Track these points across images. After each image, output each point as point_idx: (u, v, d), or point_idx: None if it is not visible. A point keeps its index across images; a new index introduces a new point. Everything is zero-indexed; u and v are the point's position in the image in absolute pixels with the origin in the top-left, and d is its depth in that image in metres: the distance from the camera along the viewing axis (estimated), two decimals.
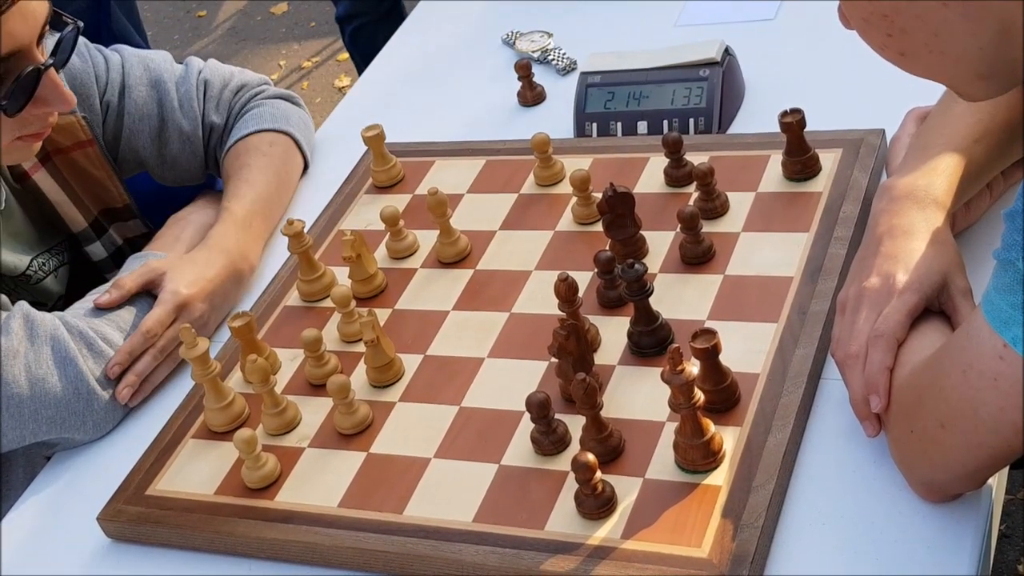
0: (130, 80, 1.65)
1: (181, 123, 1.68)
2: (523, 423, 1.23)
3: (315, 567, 1.21)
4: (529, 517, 1.15)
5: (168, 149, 1.70)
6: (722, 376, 1.17)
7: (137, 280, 1.48)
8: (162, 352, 1.45)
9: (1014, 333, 0.91)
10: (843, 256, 1.29)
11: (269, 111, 1.71)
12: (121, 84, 1.65)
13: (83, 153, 1.59)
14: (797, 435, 1.15)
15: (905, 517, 1.07)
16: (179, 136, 1.69)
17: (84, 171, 1.60)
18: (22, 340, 1.38)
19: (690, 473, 1.13)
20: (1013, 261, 0.90)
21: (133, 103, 1.65)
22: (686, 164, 1.44)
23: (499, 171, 1.59)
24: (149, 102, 1.67)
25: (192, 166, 1.73)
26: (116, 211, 1.65)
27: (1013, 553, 2.12)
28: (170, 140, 1.69)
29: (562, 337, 1.20)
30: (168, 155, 1.70)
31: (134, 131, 1.67)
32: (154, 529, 1.27)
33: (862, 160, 1.39)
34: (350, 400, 1.28)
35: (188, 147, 1.70)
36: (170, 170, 1.73)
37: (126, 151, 1.68)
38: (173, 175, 1.74)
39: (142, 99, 1.66)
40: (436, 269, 1.48)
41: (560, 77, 1.79)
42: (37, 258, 1.57)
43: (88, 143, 1.59)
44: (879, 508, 1.08)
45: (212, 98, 1.71)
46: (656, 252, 1.38)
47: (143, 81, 1.66)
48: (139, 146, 1.68)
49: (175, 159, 1.71)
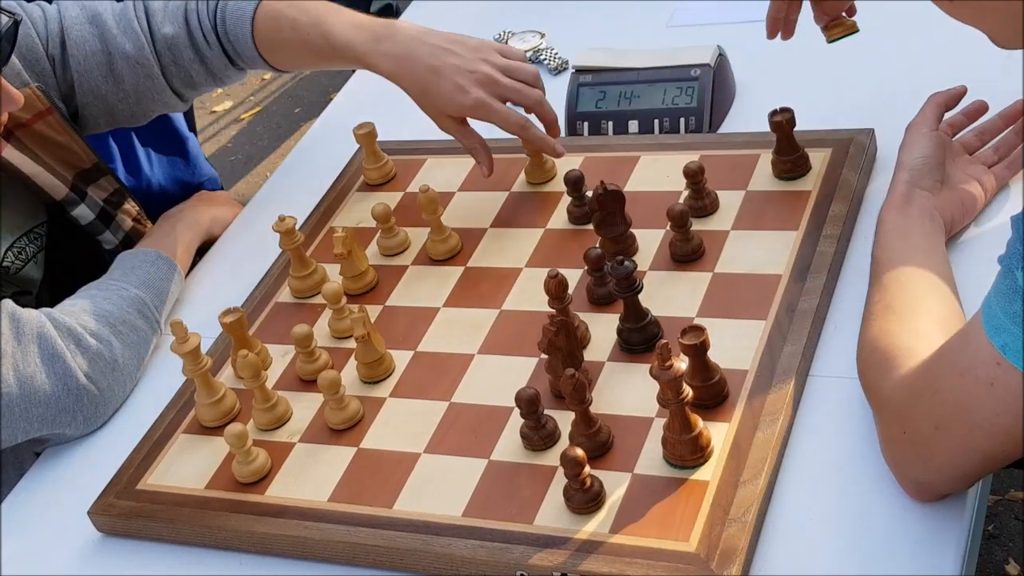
0: (67, 23, 1.59)
1: (124, 47, 1.59)
2: (513, 418, 1.24)
3: (305, 561, 1.21)
4: (518, 511, 1.15)
5: (124, 82, 1.61)
6: (710, 372, 1.17)
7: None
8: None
9: (1004, 340, 0.91)
10: (831, 254, 1.30)
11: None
12: (60, 32, 1.59)
13: (45, 123, 1.55)
14: (785, 431, 1.16)
15: (891, 515, 1.08)
16: (127, 62, 1.60)
17: (49, 139, 1.56)
18: (8, 339, 1.37)
19: (678, 468, 1.14)
20: (1012, 269, 0.90)
21: (75, 44, 1.58)
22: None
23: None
24: (90, 39, 1.59)
25: (157, 91, 1.64)
26: (87, 172, 1.61)
27: (1001, 553, 2.13)
28: (122, 71, 1.61)
29: (552, 333, 1.20)
30: (127, 87, 1.62)
31: (83, 72, 1.59)
32: (145, 523, 1.28)
33: (851, 159, 1.40)
34: (341, 395, 1.29)
35: (142, 71, 1.61)
36: (138, 105, 1.64)
37: (86, 97, 1.61)
38: (143, 109, 1.66)
39: (82, 38, 1.59)
40: (427, 266, 1.48)
41: (552, 77, 1.80)
42: (13, 246, 1.55)
43: (47, 112, 1.55)
44: (865, 505, 1.09)
45: (157, 11, 1.62)
46: (646, 250, 1.38)
47: (80, 20, 1.60)
48: (94, 87, 1.61)
49: (135, 89, 1.63)
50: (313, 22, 1.55)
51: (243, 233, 1.72)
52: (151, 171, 1.97)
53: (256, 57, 1.61)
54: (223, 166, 3.89)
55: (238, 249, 1.69)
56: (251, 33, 1.59)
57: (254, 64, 1.64)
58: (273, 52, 1.61)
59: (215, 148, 4.03)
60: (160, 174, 1.98)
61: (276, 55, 1.61)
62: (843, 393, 1.19)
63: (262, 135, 4.04)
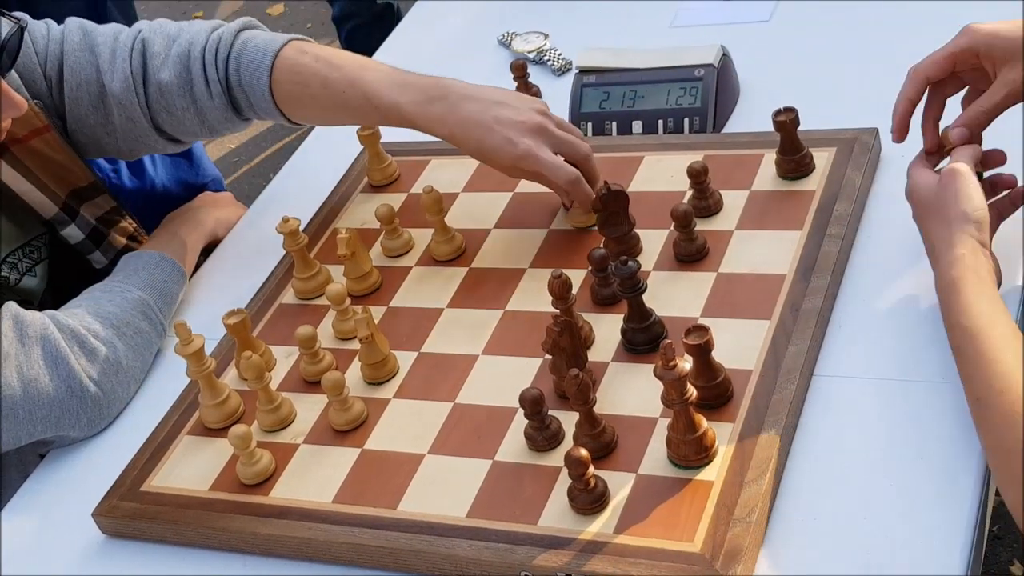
0: (67, 47, 1.56)
1: (112, 85, 1.55)
2: (517, 419, 1.24)
3: (309, 562, 1.21)
4: (522, 512, 1.15)
5: (112, 118, 1.57)
6: (714, 372, 1.17)
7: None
8: None
9: None
10: (836, 254, 1.29)
11: (265, 36, 1.56)
12: (60, 54, 1.56)
13: (42, 140, 1.53)
14: (789, 431, 1.16)
15: (896, 515, 1.08)
16: (114, 101, 1.56)
17: (45, 157, 1.54)
18: (12, 342, 1.37)
19: (682, 468, 1.13)
20: None
21: (71, 71, 1.55)
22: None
23: (494, 170, 1.59)
24: (87, 67, 1.55)
25: (137, 134, 1.59)
26: (82, 190, 1.59)
27: (1006, 554, 2.13)
28: (111, 108, 1.56)
29: (556, 334, 1.20)
30: (114, 124, 1.58)
31: (74, 100, 1.56)
32: (149, 525, 1.28)
33: (855, 159, 1.40)
34: (344, 397, 1.29)
35: (124, 112, 1.56)
36: (123, 142, 1.60)
37: (75, 124, 1.58)
38: (128, 146, 1.62)
39: (79, 65, 1.55)
40: (431, 267, 1.48)
41: (556, 77, 1.80)
42: (7, 260, 1.54)
43: (45, 129, 1.53)
44: (871, 505, 1.09)
45: (158, 53, 1.55)
46: (650, 250, 1.38)
47: (81, 47, 1.56)
48: (83, 115, 1.57)
49: (122, 128, 1.58)
50: (349, 81, 1.48)
51: (247, 234, 1.72)
52: (155, 172, 1.97)
53: (273, 111, 1.55)
54: (226, 167, 3.90)
55: (242, 250, 1.69)
56: (268, 86, 1.52)
57: (266, 115, 1.58)
58: (294, 107, 1.54)
59: (219, 149, 4.04)
60: (164, 175, 1.98)
61: (299, 112, 1.55)
62: (847, 393, 1.19)
63: (265, 136, 4.05)
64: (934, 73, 1.25)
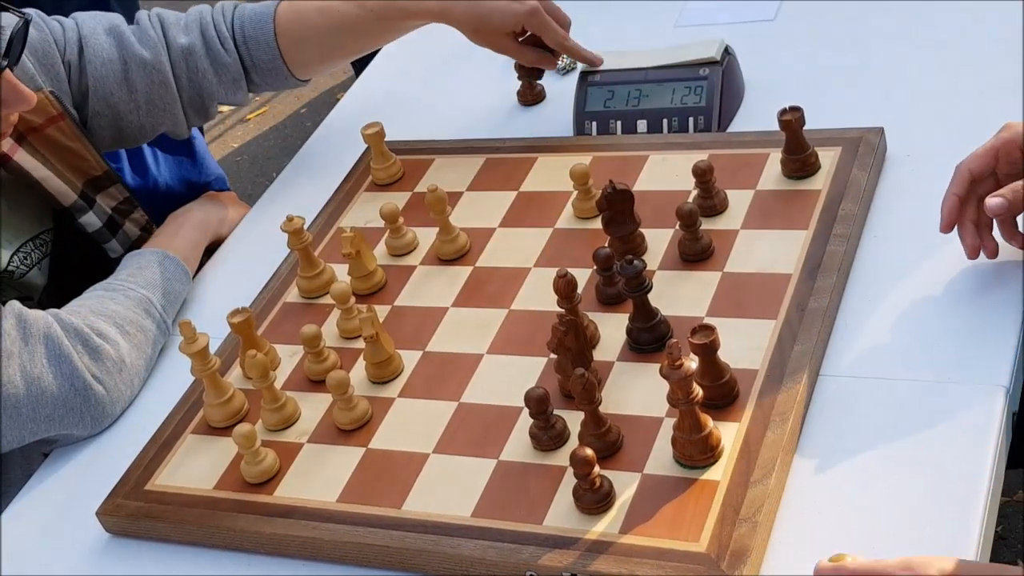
0: (85, 31, 1.62)
1: (141, 54, 1.63)
2: (522, 418, 1.24)
3: (314, 562, 1.21)
4: (528, 512, 1.15)
5: (137, 91, 1.64)
6: (720, 372, 1.17)
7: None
8: None
9: None
10: (841, 253, 1.29)
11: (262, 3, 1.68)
12: (78, 40, 1.61)
13: (56, 128, 1.56)
14: (795, 431, 1.15)
15: (902, 514, 1.08)
16: (143, 69, 1.63)
17: (60, 144, 1.57)
18: (15, 340, 1.37)
19: (688, 468, 1.13)
20: None
21: (92, 51, 1.61)
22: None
23: (499, 169, 1.60)
24: (108, 47, 1.62)
25: (166, 101, 1.66)
26: (97, 179, 1.61)
27: (1010, 555, 2.13)
28: (136, 79, 1.63)
29: (561, 333, 1.20)
30: (139, 96, 1.64)
31: (99, 79, 1.62)
32: (153, 524, 1.28)
33: (861, 158, 1.40)
34: (349, 396, 1.29)
35: (156, 77, 1.64)
36: (147, 116, 1.66)
37: (98, 105, 1.63)
38: (152, 121, 1.67)
39: (100, 46, 1.62)
40: (435, 266, 1.48)
41: (560, 77, 1.79)
42: (19, 251, 1.55)
43: (59, 117, 1.56)
44: (875, 505, 1.09)
45: (172, 24, 1.66)
46: (655, 249, 1.38)
47: (99, 30, 1.63)
48: (108, 93, 1.63)
49: (148, 98, 1.65)
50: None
51: (251, 233, 1.72)
52: (158, 171, 1.97)
53: (277, 60, 1.66)
54: (229, 166, 3.90)
55: (246, 249, 1.69)
56: (273, 31, 1.64)
57: (272, 74, 1.68)
58: (298, 48, 1.65)
59: (222, 148, 4.04)
60: (167, 174, 1.98)
61: (301, 51, 1.66)
62: (853, 393, 1.19)
63: (268, 135, 4.05)
64: (978, 167, 1.23)
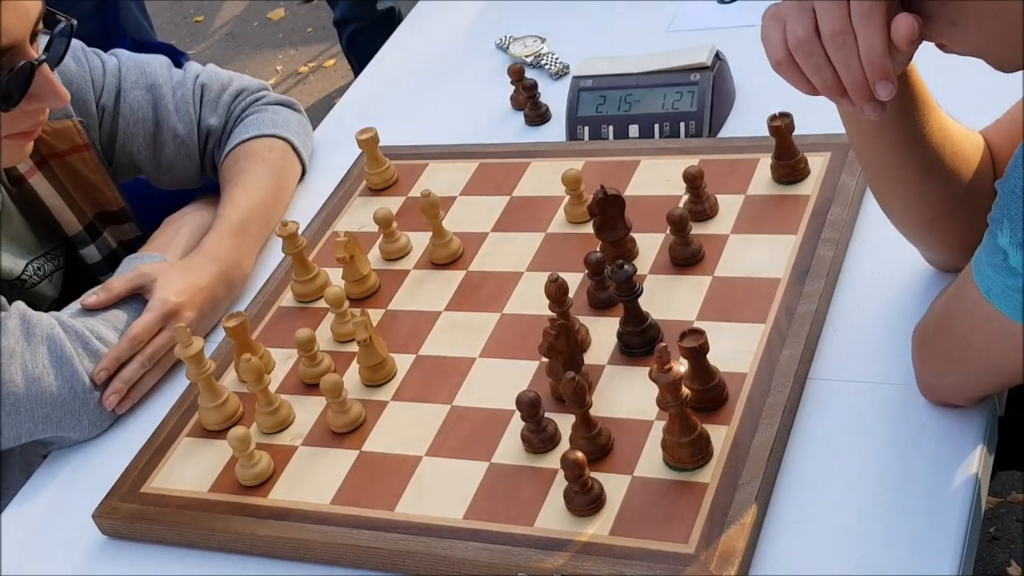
0: (125, 84, 1.66)
1: (176, 126, 1.68)
2: (514, 422, 1.25)
3: (308, 564, 1.22)
4: (519, 514, 1.16)
5: (163, 153, 1.70)
6: (709, 375, 1.18)
7: (126, 284, 1.48)
8: (150, 360, 1.44)
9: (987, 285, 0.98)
10: (830, 258, 1.30)
11: (269, 116, 1.71)
12: (117, 88, 1.65)
13: (79, 157, 1.60)
14: (784, 434, 1.16)
15: (889, 516, 1.08)
16: (174, 139, 1.69)
17: (80, 175, 1.61)
18: (18, 339, 1.39)
19: (678, 471, 1.14)
20: (994, 230, 0.95)
21: (128, 107, 1.66)
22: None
23: (492, 174, 1.61)
24: (144, 106, 1.67)
25: (188, 170, 1.73)
26: (111, 214, 1.66)
27: (1003, 555, 2.14)
28: (165, 144, 1.69)
29: (552, 337, 1.21)
30: (163, 159, 1.70)
31: (129, 135, 1.67)
32: (149, 526, 1.29)
33: (850, 164, 1.41)
34: (343, 399, 1.30)
35: (183, 151, 1.70)
36: (166, 174, 1.73)
37: (122, 155, 1.69)
38: (169, 179, 1.74)
39: (137, 103, 1.66)
40: (428, 270, 1.49)
41: (553, 81, 1.80)
42: (33, 262, 1.58)
43: (84, 147, 1.60)
44: (863, 507, 1.10)
45: (210, 102, 1.71)
46: (646, 254, 1.39)
47: (139, 85, 1.67)
48: (134, 150, 1.68)
49: (171, 163, 1.71)
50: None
51: None
52: None
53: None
54: None
55: None
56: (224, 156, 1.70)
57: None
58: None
59: None
60: None
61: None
62: (841, 396, 1.20)
63: None
64: None
